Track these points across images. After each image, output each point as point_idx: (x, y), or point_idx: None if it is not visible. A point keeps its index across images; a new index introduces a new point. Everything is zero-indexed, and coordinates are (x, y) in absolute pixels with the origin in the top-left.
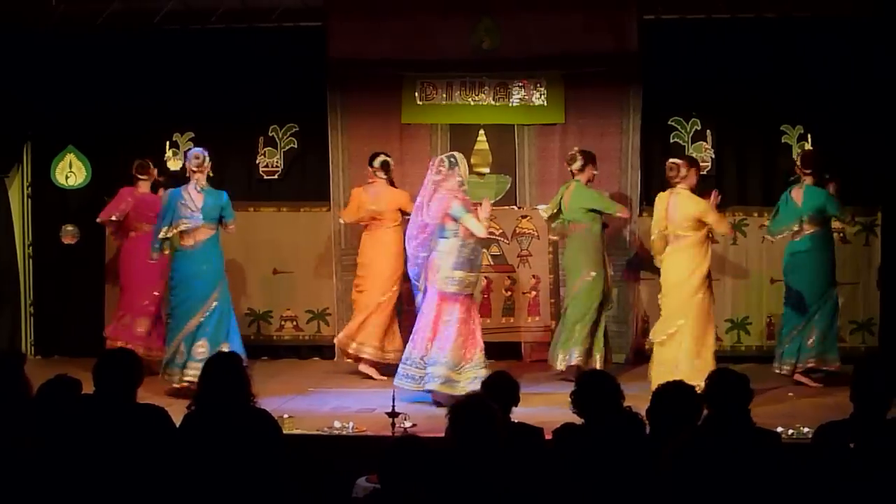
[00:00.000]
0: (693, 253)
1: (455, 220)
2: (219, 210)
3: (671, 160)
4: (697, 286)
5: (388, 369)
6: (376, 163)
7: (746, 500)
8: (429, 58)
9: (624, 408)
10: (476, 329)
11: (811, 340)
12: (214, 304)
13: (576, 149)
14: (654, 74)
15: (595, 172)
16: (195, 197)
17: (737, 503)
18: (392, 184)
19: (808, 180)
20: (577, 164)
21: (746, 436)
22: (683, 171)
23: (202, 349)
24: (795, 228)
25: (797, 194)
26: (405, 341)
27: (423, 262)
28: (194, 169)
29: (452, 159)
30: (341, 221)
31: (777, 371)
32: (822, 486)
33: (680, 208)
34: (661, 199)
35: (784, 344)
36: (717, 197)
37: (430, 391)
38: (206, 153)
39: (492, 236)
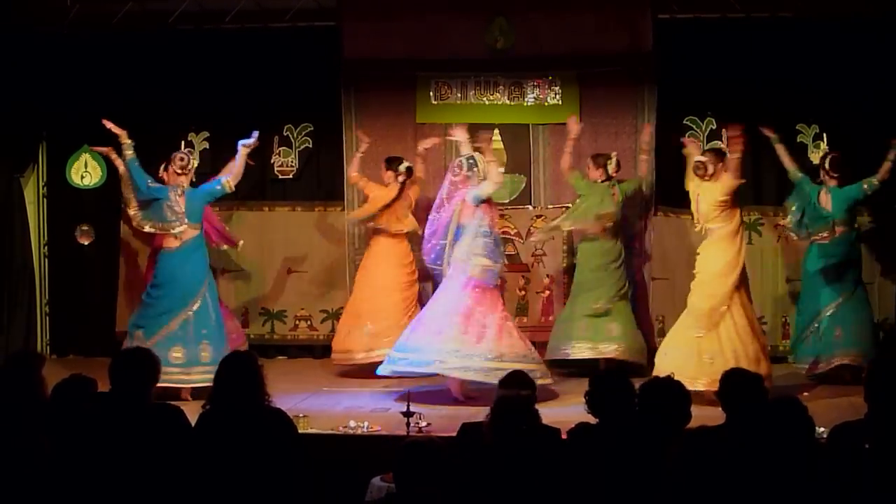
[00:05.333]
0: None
1: (477, 204)
2: (202, 205)
3: (697, 160)
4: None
5: None
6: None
7: (760, 500)
8: (443, 57)
9: (637, 407)
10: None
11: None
12: (196, 306)
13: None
14: (668, 74)
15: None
16: (178, 201)
17: (750, 502)
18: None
19: (833, 183)
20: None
21: (757, 435)
22: (710, 169)
23: (178, 355)
24: (825, 234)
25: (825, 199)
26: None
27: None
28: (178, 171)
29: (471, 161)
30: None
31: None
32: (836, 487)
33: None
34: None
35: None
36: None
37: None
38: (191, 155)
39: (506, 235)
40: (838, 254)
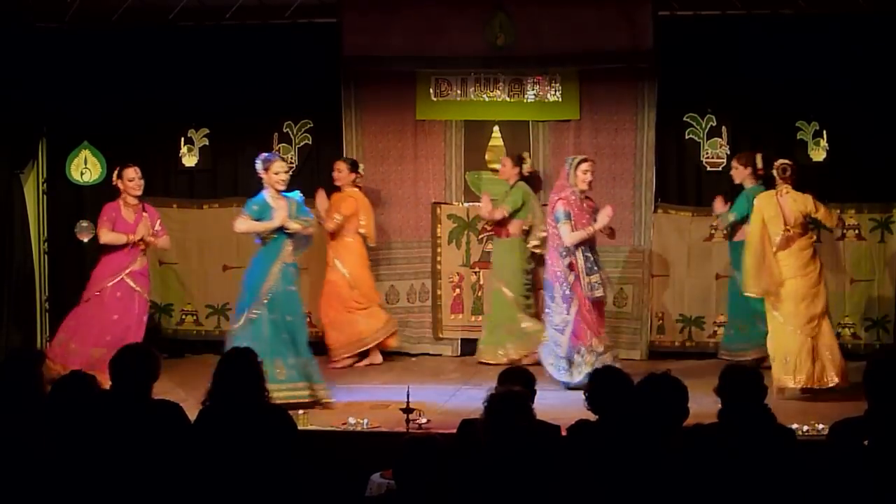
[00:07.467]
0: (811, 253)
1: (555, 223)
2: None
3: (783, 161)
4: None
5: None
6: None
7: (760, 497)
8: (443, 54)
9: (638, 404)
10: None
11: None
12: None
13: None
14: (669, 70)
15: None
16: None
17: (750, 499)
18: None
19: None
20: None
21: (759, 432)
22: (789, 172)
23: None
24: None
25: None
26: None
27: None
28: (280, 185)
29: (568, 163)
30: None
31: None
32: (836, 484)
33: (794, 208)
34: (769, 199)
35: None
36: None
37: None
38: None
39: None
40: None
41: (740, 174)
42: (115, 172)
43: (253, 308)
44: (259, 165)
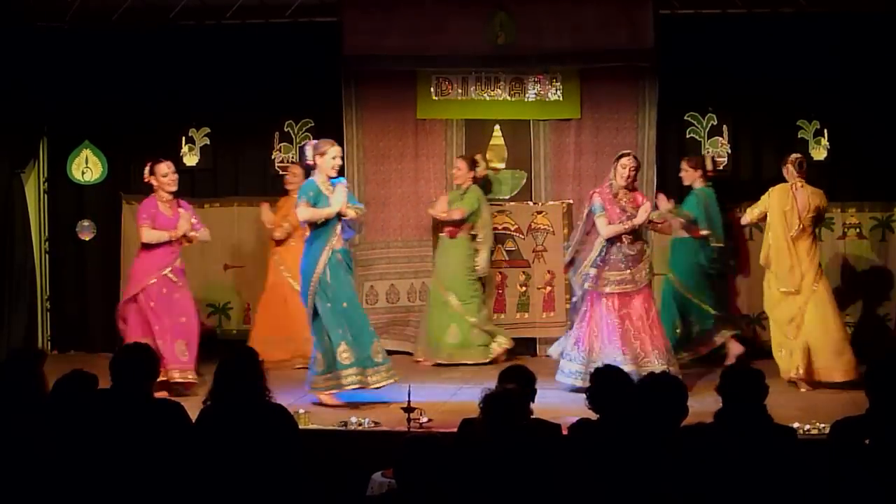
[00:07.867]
0: (812, 240)
1: (591, 214)
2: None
3: (797, 155)
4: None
5: None
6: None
7: (761, 496)
8: (443, 53)
9: (638, 403)
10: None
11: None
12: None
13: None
14: (669, 69)
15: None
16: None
17: (751, 499)
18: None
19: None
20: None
21: (761, 431)
22: (805, 166)
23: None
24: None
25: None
26: None
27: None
28: (338, 162)
29: (616, 158)
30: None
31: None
32: (838, 483)
33: (810, 201)
34: (785, 192)
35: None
36: None
37: None
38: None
39: (507, 231)
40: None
41: (690, 176)
42: (147, 169)
43: (311, 297)
44: (309, 152)
